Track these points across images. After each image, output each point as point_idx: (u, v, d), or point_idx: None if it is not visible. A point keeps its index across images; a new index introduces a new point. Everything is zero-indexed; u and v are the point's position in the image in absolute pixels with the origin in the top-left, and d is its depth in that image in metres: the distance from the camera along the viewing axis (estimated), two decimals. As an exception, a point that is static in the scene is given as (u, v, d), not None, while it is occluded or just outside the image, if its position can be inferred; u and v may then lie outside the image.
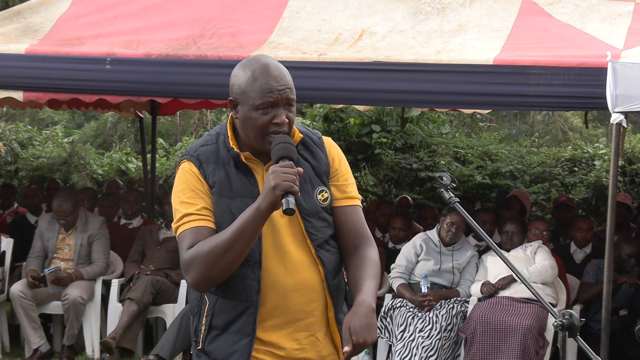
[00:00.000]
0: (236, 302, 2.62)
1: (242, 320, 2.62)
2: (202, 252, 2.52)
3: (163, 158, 12.19)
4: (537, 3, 6.07)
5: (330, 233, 2.70)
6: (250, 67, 2.65)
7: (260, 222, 2.50)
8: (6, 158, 11.38)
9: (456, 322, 6.22)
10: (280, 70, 2.63)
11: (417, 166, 10.76)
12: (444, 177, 2.77)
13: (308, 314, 2.67)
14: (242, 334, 2.62)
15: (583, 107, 6.23)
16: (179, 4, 6.50)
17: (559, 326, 2.49)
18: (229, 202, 2.60)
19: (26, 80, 6.13)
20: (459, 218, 6.39)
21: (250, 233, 2.49)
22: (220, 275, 2.54)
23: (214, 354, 2.65)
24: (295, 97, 2.63)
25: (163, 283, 6.89)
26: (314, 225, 2.65)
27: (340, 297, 2.73)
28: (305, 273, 2.65)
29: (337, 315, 2.71)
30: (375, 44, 5.89)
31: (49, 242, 7.07)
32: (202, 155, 2.65)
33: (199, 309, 2.69)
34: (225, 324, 2.64)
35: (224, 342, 2.63)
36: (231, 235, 2.49)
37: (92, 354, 6.87)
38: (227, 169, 2.63)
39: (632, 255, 6.66)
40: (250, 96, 2.60)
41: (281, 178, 2.43)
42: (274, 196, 2.43)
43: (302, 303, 2.65)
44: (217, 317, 2.64)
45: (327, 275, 2.67)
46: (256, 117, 2.58)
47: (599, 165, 10.73)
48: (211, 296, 2.65)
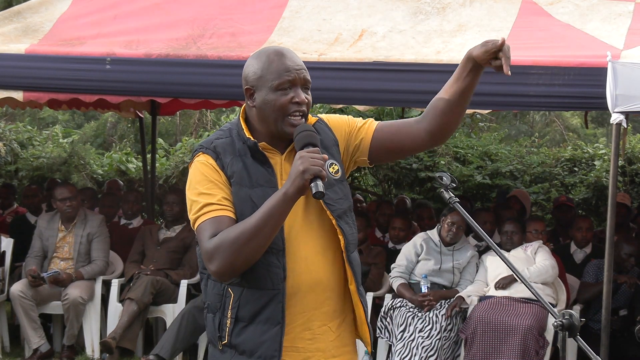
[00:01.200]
0: (263, 291, 2.60)
1: (270, 309, 2.60)
2: (229, 239, 2.50)
3: (163, 158, 12.19)
4: (537, 3, 6.07)
5: (348, 205, 2.72)
6: (264, 54, 2.67)
7: (288, 207, 2.50)
8: (6, 158, 11.38)
9: (456, 322, 6.22)
10: (294, 54, 2.67)
11: (417, 166, 10.76)
12: (444, 177, 2.77)
13: (322, 304, 2.67)
14: (271, 322, 2.60)
15: (583, 107, 6.23)
16: (179, 4, 6.51)
17: (559, 326, 2.49)
18: (249, 191, 2.60)
19: (26, 80, 6.13)
20: (459, 218, 6.40)
21: (277, 218, 2.50)
22: (246, 262, 2.53)
23: (242, 346, 2.63)
24: (310, 80, 2.66)
25: (163, 283, 6.89)
26: (331, 197, 2.66)
27: (358, 270, 2.74)
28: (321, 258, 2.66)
29: (359, 287, 2.72)
30: (375, 44, 5.89)
31: (49, 241, 7.07)
32: (218, 147, 2.65)
33: (222, 303, 2.65)
34: (253, 315, 2.62)
35: (253, 333, 2.61)
36: (258, 221, 2.49)
37: (92, 354, 6.87)
38: (244, 160, 2.64)
39: (632, 254, 6.67)
40: (268, 78, 2.61)
41: (310, 162, 2.46)
42: (303, 180, 2.45)
43: (317, 294, 2.66)
44: (243, 309, 2.62)
45: (348, 246, 2.68)
46: (275, 98, 2.60)
47: (599, 165, 10.73)
48: (235, 288, 2.63)
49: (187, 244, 7.11)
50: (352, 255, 2.70)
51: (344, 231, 2.67)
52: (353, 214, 2.78)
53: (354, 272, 2.71)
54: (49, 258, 7.07)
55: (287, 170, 2.61)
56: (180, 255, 7.18)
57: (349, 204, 2.73)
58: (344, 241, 2.68)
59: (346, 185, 2.76)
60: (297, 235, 2.64)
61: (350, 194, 2.78)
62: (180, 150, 11.92)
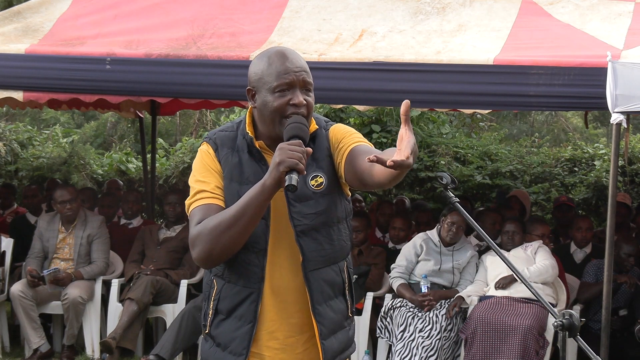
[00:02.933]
0: (240, 287, 2.64)
1: (244, 307, 2.64)
2: (208, 227, 2.54)
3: (163, 158, 12.19)
4: (537, 3, 6.07)
5: (323, 220, 2.66)
6: (266, 54, 2.67)
7: (266, 199, 2.50)
8: (6, 158, 11.38)
9: (456, 322, 6.22)
10: (296, 55, 2.66)
11: (417, 166, 10.75)
12: (444, 177, 2.77)
13: (291, 315, 2.67)
14: (244, 320, 2.64)
15: (583, 107, 6.23)
16: (179, 4, 6.50)
17: (559, 326, 2.49)
18: (238, 187, 2.62)
19: (26, 80, 6.13)
20: (459, 218, 6.39)
21: (254, 209, 2.50)
22: (224, 251, 2.55)
23: (217, 338, 2.68)
24: (312, 82, 2.65)
25: (163, 283, 6.89)
26: (300, 210, 2.63)
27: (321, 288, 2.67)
28: (291, 264, 2.65)
29: (315, 306, 2.66)
30: (375, 44, 5.89)
31: (49, 242, 7.07)
32: (219, 139, 2.71)
33: (208, 293, 2.71)
34: (230, 309, 2.66)
35: (228, 327, 2.66)
36: (236, 211, 2.51)
37: (92, 354, 6.87)
38: (241, 155, 2.66)
39: (631, 254, 6.66)
40: (267, 80, 2.61)
41: (287, 155, 2.44)
42: (279, 172, 2.44)
43: (288, 303, 2.66)
44: (222, 302, 2.67)
45: (306, 263, 2.64)
46: (273, 100, 2.60)
47: (599, 165, 10.73)
48: (219, 280, 2.67)
49: (187, 244, 7.08)
50: (314, 272, 2.65)
51: (302, 248, 2.63)
52: (340, 227, 2.71)
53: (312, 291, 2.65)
54: (49, 259, 7.07)
55: None
56: (180, 255, 7.18)
57: (325, 219, 2.66)
58: (302, 258, 2.64)
59: (332, 199, 2.68)
60: (282, 240, 2.64)
61: (336, 208, 2.69)
62: (180, 150, 11.92)
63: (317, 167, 2.67)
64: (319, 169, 2.67)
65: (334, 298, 2.72)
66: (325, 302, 2.69)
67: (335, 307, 2.72)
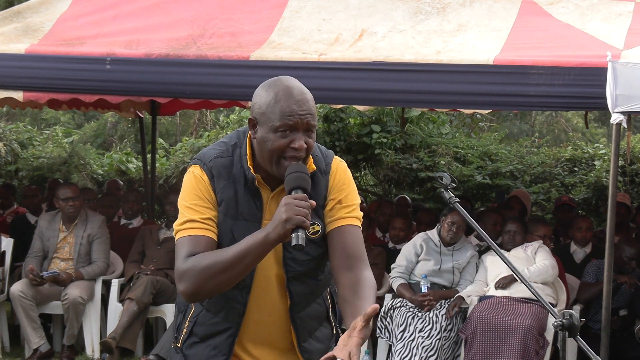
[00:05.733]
0: (219, 319, 2.64)
1: (220, 339, 2.64)
2: (200, 265, 2.47)
3: (163, 158, 12.19)
4: (537, 3, 6.07)
5: (313, 266, 2.66)
6: (273, 89, 2.54)
7: (266, 250, 2.46)
8: (6, 158, 11.38)
9: (456, 322, 6.22)
10: (304, 95, 2.54)
11: (417, 166, 10.75)
12: (444, 177, 2.77)
13: (273, 344, 2.69)
14: (218, 351, 2.64)
15: (583, 107, 6.23)
16: (179, 4, 6.50)
17: (559, 326, 2.49)
18: (232, 222, 2.57)
19: (26, 80, 6.13)
20: (459, 218, 6.39)
21: (252, 258, 2.46)
22: (212, 292, 2.52)
23: (190, 358, 2.68)
24: (316, 124, 2.56)
25: (163, 283, 6.89)
26: (294, 257, 2.61)
27: (310, 324, 2.71)
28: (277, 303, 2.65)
29: (301, 343, 2.69)
30: (375, 44, 5.89)
31: (50, 241, 7.07)
32: (214, 168, 2.59)
33: (184, 310, 2.70)
34: (205, 336, 2.66)
35: (202, 352, 2.66)
36: (233, 257, 2.46)
37: (92, 354, 6.87)
38: (237, 188, 2.58)
39: (633, 257, 6.65)
40: (270, 117, 2.50)
41: (294, 212, 2.38)
42: (285, 229, 2.38)
43: (275, 333, 2.68)
44: (198, 327, 2.66)
45: (293, 307, 2.66)
46: (274, 139, 2.50)
47: (599, 165, 10.73)
48: (197, 305, 2.66)
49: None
50: (298, 315, 2.66)
51: (292, 293, 2.64)
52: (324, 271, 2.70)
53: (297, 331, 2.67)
54: (49, 258, 7.06)
55: (273, 209, 2.52)
56: (181, 255, 7.17)
57: (316, 264, 2.66)
58: (290, 302, 2.64)
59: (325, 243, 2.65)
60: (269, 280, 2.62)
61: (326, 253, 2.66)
62: (180, 150, 11.92)
63: (314, 214, 2.56)
64: (316, 217, 2.61)
65: (318, 328, 2.75)
66: (311, 336, 2.72)
67: (320, 335, 2.75)
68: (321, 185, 2.64)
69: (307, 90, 2.57)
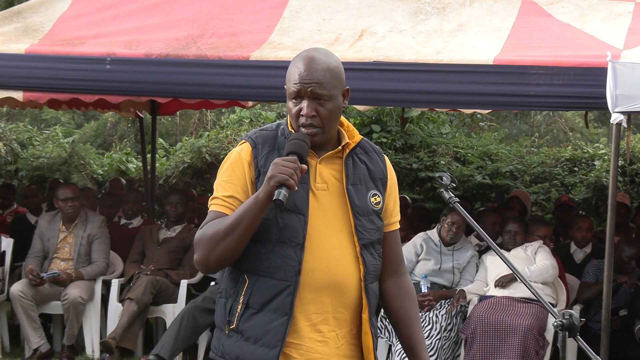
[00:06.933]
0: (276, 281, 2.63)
1: (279, 299, 2.62)
2: (207, 234, 2.60)
3: (163, 158, 12.19)
4: (537, 3, 6.07)
5: (377, 237, 2.74)
6: (297, 57, 2.68)
7: (259, 211, 2.54)
8: (6, 158, 11.39)
9: (456, 322, 6.22)
10: (317, 65, 2.63)
11: (417, 166, 10.75)
12: (444, 177, 2.77)
13: (336, 309, 2.68)
14: (279, 312, 2.62)
15: (583, 107, 6.23)
16: (179, 4, 6.50)
17: (559, 326, 2.50)
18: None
19: (26, 80, 6.13)
20: (459, 218, 6.40)
21: (248, 220, 2.54)
22: (220, 259, 2.61)
23: (248, 332, 2.65)
24: (326, 93, 2.64)
25: (163, 283, 6.89)
26: (363, 224, 2.69)
27: (374, 301, 2.76)
28: (343, 270, 2.67)
29: (372, 317, 2.74)
30: (375, 44, 5.89)
31: (50, 241, 7.07)
32: (259, 137, 2.70)
33: (236, 289, 2.69)
34: (263, 303, 2.64)
35: (261, 321, 2.63)
36: (231, 222, 2.55)
37: (92, 354, 6.87)
38: (281, 155, 2.65)
39: (633, 257, 6.66)
40: (288, 85, 2.66)
41: (278, 170, 2.48)
42: (269, 186, 2.49)
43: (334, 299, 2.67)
44: (255, 296, 2.65)
45: (367, 275, 2.70)
46: (290, 107, 2.65)
47: (599, 165, 10.73)
48: (251, 276, 2.66)
49: (187, 244, 7.11)
50: (370, 285, 2.72)
51: (365, 261, 2.69)
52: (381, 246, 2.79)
53: (369, 302, 2.72)
54: (49, 258, 7.07)
55: (323, 173, 2.67)
56: (180, 255, 7.18)
57: (379, 236, 2.75)
58: (363, 270, 2.69)
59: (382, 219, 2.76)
60: (321, 235, 2.66)
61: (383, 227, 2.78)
62: (180, 150, 11.92)
63: (374, 186, 2.74)
64: (377, 189, 2.74)
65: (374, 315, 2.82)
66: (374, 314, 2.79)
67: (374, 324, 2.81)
68: (378, 161, 2.78)
69: (331, 61, 2.68)
